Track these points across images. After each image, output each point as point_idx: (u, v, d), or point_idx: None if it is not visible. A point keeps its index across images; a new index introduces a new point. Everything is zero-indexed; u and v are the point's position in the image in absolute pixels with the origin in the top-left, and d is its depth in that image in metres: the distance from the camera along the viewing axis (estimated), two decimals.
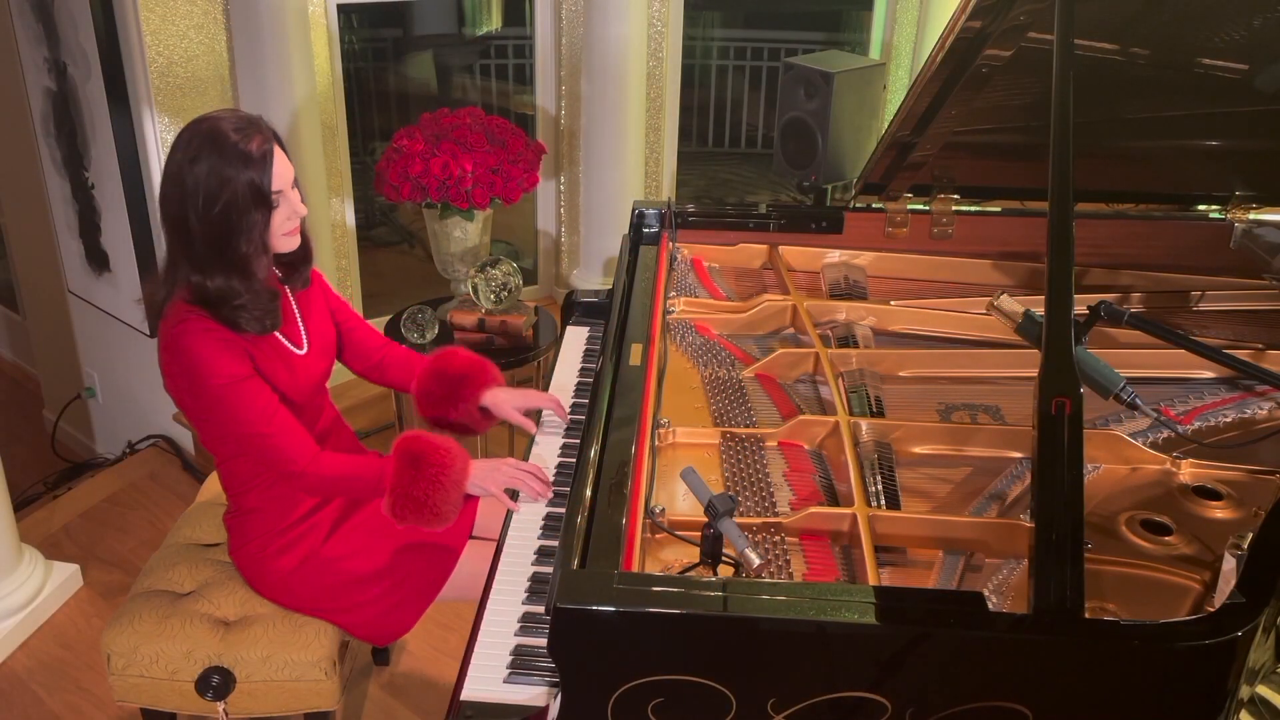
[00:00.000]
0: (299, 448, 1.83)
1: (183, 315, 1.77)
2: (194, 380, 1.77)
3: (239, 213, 1.72)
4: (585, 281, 4.16)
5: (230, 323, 1.78)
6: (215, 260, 1.75)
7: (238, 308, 1.77)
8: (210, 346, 1.75)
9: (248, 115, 1.78)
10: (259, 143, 1.73)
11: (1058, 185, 1.58)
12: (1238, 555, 1.38)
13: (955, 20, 1.92)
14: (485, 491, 1.92)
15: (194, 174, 1.71)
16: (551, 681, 1.47)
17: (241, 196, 1.72)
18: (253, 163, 1.72)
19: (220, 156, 1.70)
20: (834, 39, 5.51)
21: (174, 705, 1.99)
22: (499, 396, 2.11)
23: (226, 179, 1.71)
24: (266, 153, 1.74)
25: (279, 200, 1.77)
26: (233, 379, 1.77)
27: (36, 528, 3.17)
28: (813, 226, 2.48)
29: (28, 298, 4.40)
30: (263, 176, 1.73)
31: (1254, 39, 1.93)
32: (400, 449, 1.88)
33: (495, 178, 3.02)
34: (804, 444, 1.84)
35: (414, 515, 1.86)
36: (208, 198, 1.71)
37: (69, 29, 3.08)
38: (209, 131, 1.73)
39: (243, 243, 1.74)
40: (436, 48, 5.13)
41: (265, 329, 1.83)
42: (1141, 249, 2.42)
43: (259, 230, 1.76)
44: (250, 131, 1.74)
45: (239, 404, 1.78)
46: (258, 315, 1.80)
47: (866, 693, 1.27)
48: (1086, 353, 1.72)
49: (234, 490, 1.96)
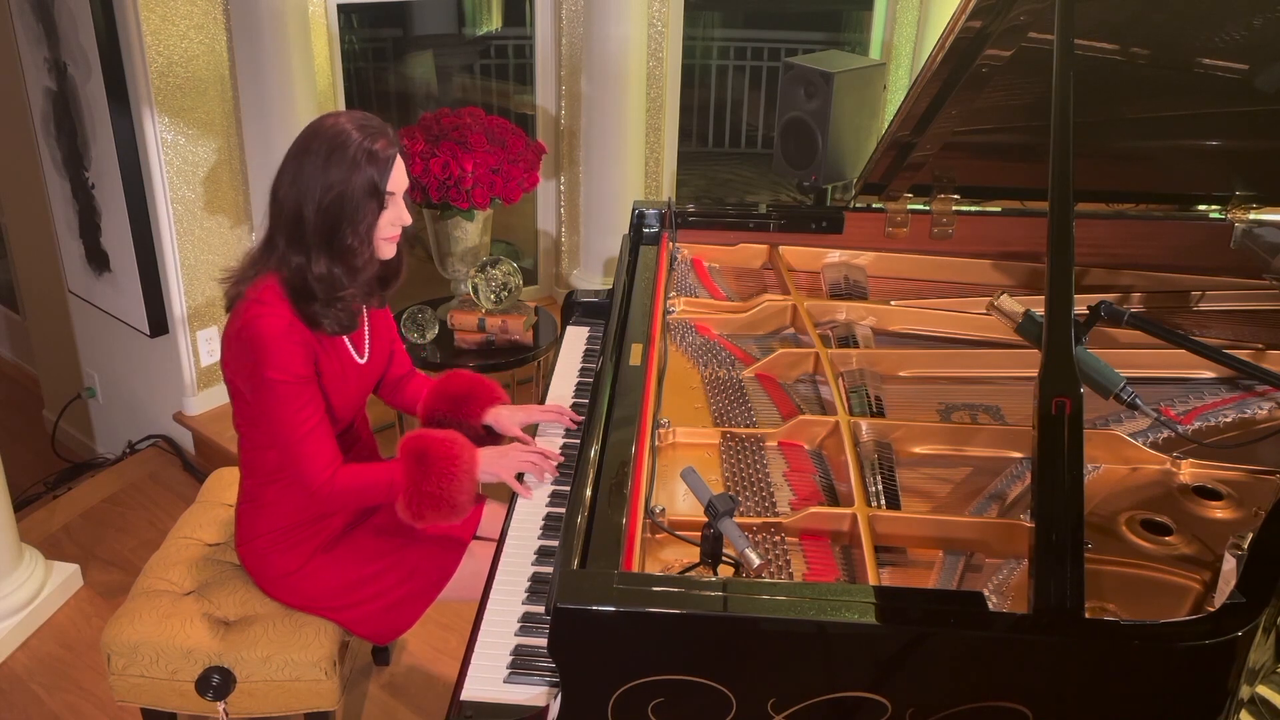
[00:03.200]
0: (323, 464, 1.84)
1: (269, 300, 1.80)
2: (256, 366, 1.79)
3: (353, 203, 1.78)
4: (585, 281, 4.16)
5: (313, 320, 1.82)
6: (323, 247, 1.79)
7: (330, 301, 1.81)
8: (285, 339, 1.78)
9: (377, 120, 1.84)
10: (384, 145, 1.79)
11: (1058, 185, 1.58)
12: (1238, 555, 1.38)
13: (955, 20, 1.92)
14: (496, 478, 1.94)
15: (314, 164, 1.77)
16: (551, 681, 1.47)
17: (358, 188, 1.77)
18: (375, 159, 1.78)
19: (344, 151, 1.76)
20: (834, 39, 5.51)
21: (174, 705, 1.99)
22: (502, 414, 2.13)
23: (348, 171, 1.76)
24: (391, 155, 1.80)
25: (389, 202, 1.82)
26: (293, 377, 1.79)
27: (36, 528, 3.18)
28: (813, 226, 2.48)
29: (28, 298, 4.40)
30: (382, 173, 1.79)
31: (1254, 39, 1.93)
32: (405, 450, 1.89)
33: (495, 178, 3.02)
34: (804, 444, 1.84)
35: (431, 511, 1.87)
36: (326, 187, 1.76)
37: (69, 29, 3.08)
38: (333, 128, 1.79)
39: (350, 234, 1.79)
40: (436, 48, 5.13)
41: (343, 330, 1.87)
42: (1141, 249, 2.42)
43: (368, 225, 1.81)
44: (376, 133, 1.80)
45: (289, 404, 1.80)
46: (342, 316, 1.84)
47: (866, 693, 1.27)
48: (1086, 353, 1.72)
49: (256, 479, 1.97)
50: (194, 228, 3.28)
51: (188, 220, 3.25)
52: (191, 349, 3.39)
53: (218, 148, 3.25)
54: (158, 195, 3.16)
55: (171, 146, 3.14)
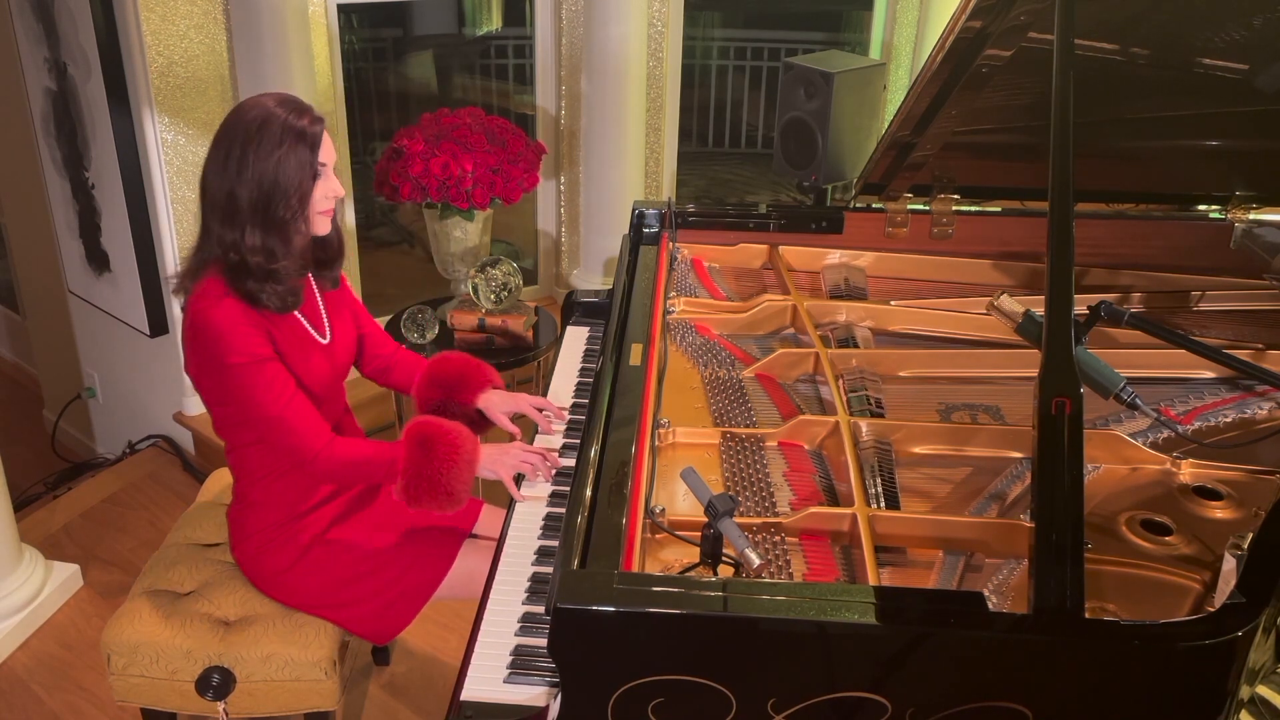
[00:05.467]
0: (313, 433, 1.85)
1: (210, 291, 1.80)
2: (214, 357, 1.79)
3: (286, 178, 1.79)
4: (585, 281, 4.16)
5: (253, 298, 1.82)
6: (257, 223, 1.80)
7: (267, 276, 1.81)
8: (234, 323, 1.79)
9: (296, 97, 1.87)
10: (309, 120, 1.82)
11: (1058, 185, 1.58)
12: (1238, 555, 1.38)
13: (955, 20, 1.92)
14: (494, 474, 1.95)
15: (242, 145, 1.78)
16: (551, 681, 1.47)
17: (290, 164, 1.79)
18: (304, 135, 1.80)
19: (270, 129, 1.78)
20: (834, 39, 5.51)
21: (174, 705, 1.99)
22: (492, 400, 2.15)
23: (276, 148, 1.78)
24: (318, 129, 1.83)
25: (322, 172, 1.84)
26: (253, 358, 1.80)
27: (36, 528, 3.17)
28: (813, 226, 2.48)
29: (28, 298, 4.40)
30: (312, 147, 1.81)
31: (1254, 39, 1.93)
32: (411, 432, 1.90)
33: (495, 178, 3.02)
34: (804, 444, 1.84)
35: (428, 496, 1.88)
36: (257, 166, 1.77)
37: (69, 29, 3.08)
38: (256, 109, 1.81)
39: (283, 207, 1.80)
40: (436, 48, 5.13)
41: (286, 306, 1.86)
42: (1141, 249, 2.42)
43: (301, 197, 1.82)
44: (301, 109, 1.82)
45: (256, 384, 1.80)
46: (281, 291, 1.84)
47: (866, 693, 1.27)
48: (1086, 353, 1.72)
49: (241, 480, 1.98)
50: (194, 228, 3.25)
51: (188, 220, 3.25)
52: None
53: None
54: (158, 195, 3.16)
55: (171, 146, 3.14)
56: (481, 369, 2.17)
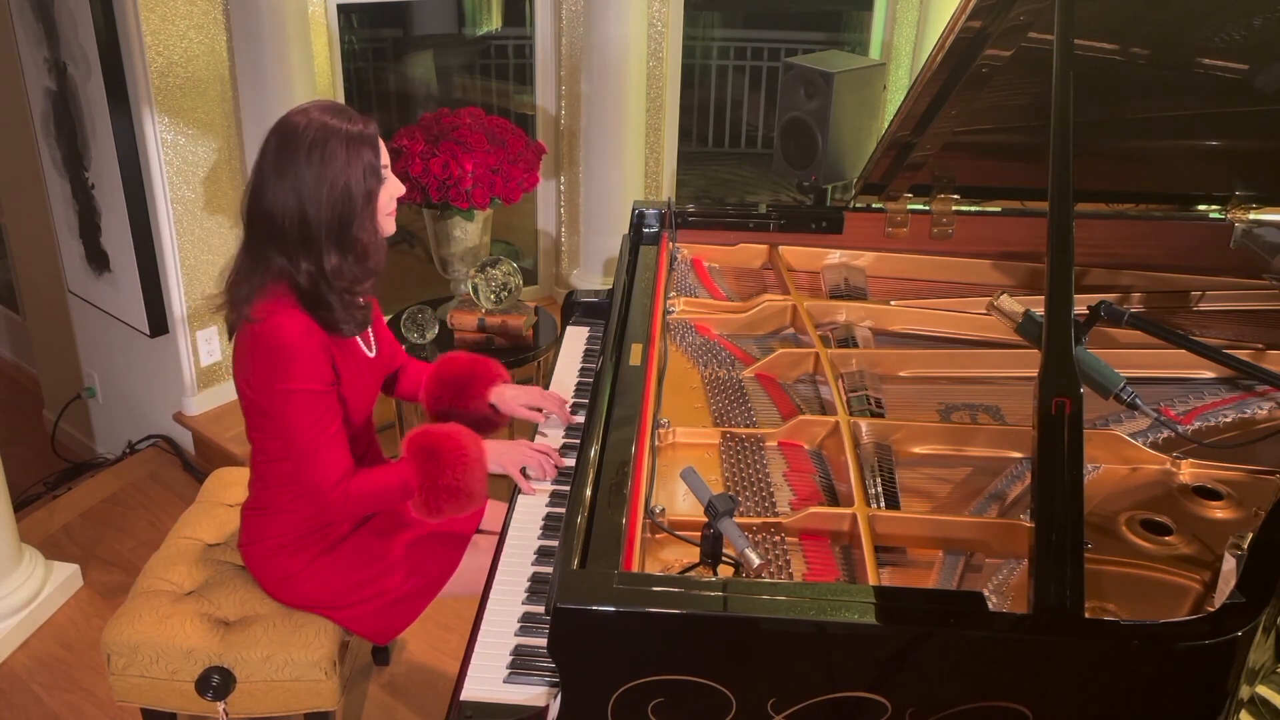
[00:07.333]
0: (336, 474, 1.82)
1: (283, 309, 1.76)
2: (277, 377, 1.75)
3: (361, 190, 1.74)
4: (585, 281, 4.16)
5: (331, 325, 1.79)
6: (333, 244, 1.75)
7: (348, 301, 1.79)
8: (308, 349, 1.75)
9: (339, 104, 1.80)
10: (364, 123, 1.75)
11: (1058, 185, 1.58)
12: (1238, 555, 1.38)
13: (955, 20, 1.92)
14: (501, 469, 1.95)
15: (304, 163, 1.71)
16: (551, 681, 1.47)
17: (359, 174, 1.73)
18: (365, 140, 1.74)
19: (332, 143, 1.71)
20: (834, 39, 5.51)
21: (174, 705, 1.99)
22: (505, 394, 2.14)
23: (345, 161, 1.72)
24: (374, 131, 1.77)
25: (385, 175, 1.80)
26: (312, 388, 1.77)
27: (36, 528, 3.18)
28: (813, 226, 2.48)
29: (28, 298, 4.40)
30: (376, 152, 1.76)
31: (1254, 39, 1.93)
32: (412, 447, 1.89)
33: (495, 178, 3.02)
34: (804, 444, 1.84)
35: (450, 503, 1.87)
36: (329, 183, 1.71)
37: (69, 29, 3.08)
38: (309, 123, 1.73)
39: (357, 223, 1.76)
40: (436, 48, 5.13)
41: (360, 328, 1.85)
42: (1141, 249, 2.42)
43: (374, 208, 1.78)
44: (350, 114, 1.76)
45: (305, 413, 1.78)
46: (359, 315, 1.82)
47: (866, 693, 1.27)
48: (1086, 353, 1.72)
49: (269, 489, 1.95)
50: (194, 228, 3.28)
51: (188, 220, 3.25)
52: (191, 349, 3.39)
53: (217, 148, 3.26)
54: (158, 195, 3.16)
55: (171, 146, 3.14)
56: (489, 365, 2.17)
